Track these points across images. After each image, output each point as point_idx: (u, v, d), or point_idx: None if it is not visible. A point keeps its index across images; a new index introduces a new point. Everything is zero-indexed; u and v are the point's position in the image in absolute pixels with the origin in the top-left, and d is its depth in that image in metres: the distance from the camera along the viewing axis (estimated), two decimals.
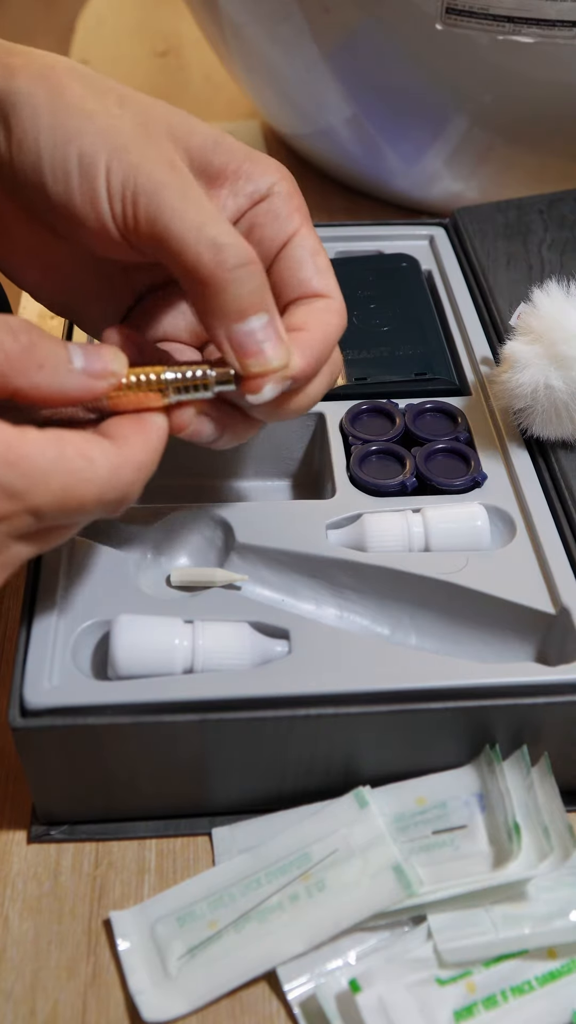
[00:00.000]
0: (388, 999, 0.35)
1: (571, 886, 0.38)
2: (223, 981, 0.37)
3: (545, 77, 0.60)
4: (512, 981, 0.36)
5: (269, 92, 0.74)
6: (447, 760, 0.41)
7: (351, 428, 0.49)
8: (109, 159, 0.35)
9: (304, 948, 0.37)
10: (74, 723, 0.38)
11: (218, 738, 0.39)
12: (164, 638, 0.40)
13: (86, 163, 0.35)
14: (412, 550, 0.44)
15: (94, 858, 0.41)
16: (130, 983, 0.37)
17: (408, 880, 0.38)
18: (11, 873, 0.40)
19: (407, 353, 0.53)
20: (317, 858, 0.39)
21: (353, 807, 0.40)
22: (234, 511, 0.46)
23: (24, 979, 0.38)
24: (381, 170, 0.72)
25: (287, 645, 0.41)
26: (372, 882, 0.38)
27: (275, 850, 0.39)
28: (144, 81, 0.99)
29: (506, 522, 0.46)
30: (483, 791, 0.41)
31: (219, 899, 0.38)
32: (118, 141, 0.35)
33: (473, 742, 0.41)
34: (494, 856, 0.39)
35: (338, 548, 0.44)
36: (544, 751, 0.41)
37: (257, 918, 0.38)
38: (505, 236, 0.60)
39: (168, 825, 0.42)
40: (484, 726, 0.40)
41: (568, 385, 0.45)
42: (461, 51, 0.59)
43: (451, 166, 0.68)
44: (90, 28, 1.09)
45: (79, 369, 0.33)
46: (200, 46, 0.98)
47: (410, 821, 0.40)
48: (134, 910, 0.39)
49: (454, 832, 0.40)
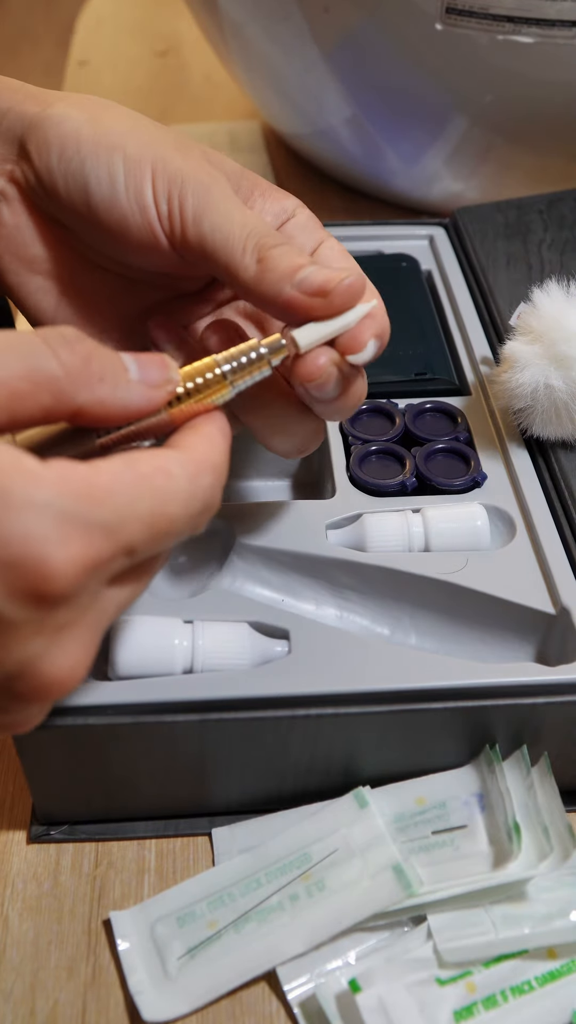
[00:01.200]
0: (388, 999, 0.35)
1: (571, 886, 0.38)
2: (223, 981, 0.37)
3: (545, 77, 0.60)
4: (512, 981, 0.36)
5: (269, 92, 0.74)
6: (447, 760, 0.41)
7: (351, 428, 0.49)
8: (154, 162, 0.36)
9: (304, 948, 0.37)
10: (74, 723, 0.38)
11: (218, 738, 0.39)
12: (164, 638, 0.40)
13: (131, 165, 0.36)
14: (412, 550, 0.44)
15: (94, 858, 0.41)
16: (130, 983, 0.37)
17: (408, 880, 0.38)
18: (11, 873, 0.40)
19: (407, 353, 0.53)
20: (317, 858, 0.39)
21: (353, 807, 0.40)
22: (234, 511, 0.46)
23: (24, 979, 0.38)
24: (381, 170, 0.72)
25: (287, 645, 0.41)
26: (372, 882, 0.38)
27: (275, 850, 0.39)
28: (144, 81, 0.99)
29: (506, 522, 0.46)
30: (483, 791, 0.41)
31: (219, 899, 0.38)
32: (160, 151, 0.36)
33: (473, 742, 0.41)
34: (494, 856, 0.39)
35: (338, 548, 0.44)
36: (544, 751, 0.41)
37: (257, 918, 0.38)
38: (505, 236, 0.60)
39: (168, 825, 0.42)
40: (484, 726, 0.40)
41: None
42: (461, 51, 0.59)
43: (451, 166, 0.68)
44: (90, 28, 1.09)
45: (136, 380, 0.31)
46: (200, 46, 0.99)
47: (410, 821, 0.40)
48: (134, 910, 0.39)
49: (454, 832, 0.40)
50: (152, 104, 0.95)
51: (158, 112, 0.94)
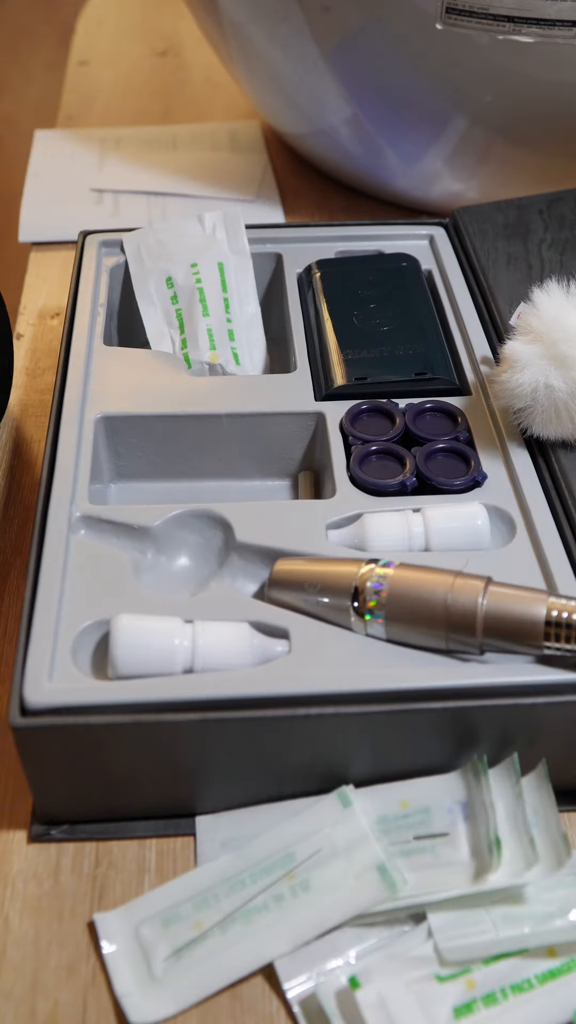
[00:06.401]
0: (388, 996, 0.35)
1: (571, 886, 0.38)
2: (209, 982, 0.37)
3: (545, 77, 0.60)
4: (512, 979, 0.36)
5: (269, 92, 0.74)
6: (442, 761, 0.41)
7: (351, 428, 0.49)
8: None
9: (289, 948, 0.37)
10: (74, 723, 0.38)
11: (218, 738, 0.39)
12: (164, 638, 0.40)
13: None
14: (412, 550, 0.44)
15: (94, 858, 0.41)
16: (115, 986, 0.37)
17: (392, 880, 0.38)
18: (11, 873, 0.40)
19: (407, 353, 0.53)
20: (301, 858, 0.39)
21: (337, 806, 0.40)
22: (234, 510, 0.46)
23: (24, 979, 0.38)
24: (381, 170, 0.72)
25: (287, 645, 0.41)
26: (356, 882, 0.38)
27: (259, 850, 0.39)
28: (144, 81, 0.99)
29: (506, 522, 0.46)
30: (467, 800, 0.40)
31: (203, 900, 0.38)
32: None
33: (472, 743, 0.41)
34: (475, 866, 0.39)
35: (338, 548, 0.44)
36: (543, 754, 0.41)
37: (242, 919, 0.38)
38: (505, 236, 0.60)
39: (168, 825, 0.42)
40: (484, 726, 0.40)
41: (568, 385, 0.45)
42: (461, 51, 0.59)
43: (451, 166, 0.68)
44: (90, 27, 1.09)
45: None
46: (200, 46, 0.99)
47: (392, 824, 0.40)
48: (118, 912, 0.39)
49: (435, 839, 0.39)
50: (152, 104, 0.95)
51: (159, 112, 0.94)
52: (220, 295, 0.57)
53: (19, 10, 2.17)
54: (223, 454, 0.51)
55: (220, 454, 0.51)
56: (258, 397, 0.51)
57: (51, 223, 0.76)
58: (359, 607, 0.40)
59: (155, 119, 0.93)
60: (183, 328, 0.56)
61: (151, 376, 0.53)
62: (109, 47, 1.05)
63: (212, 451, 0.51)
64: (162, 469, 0.52)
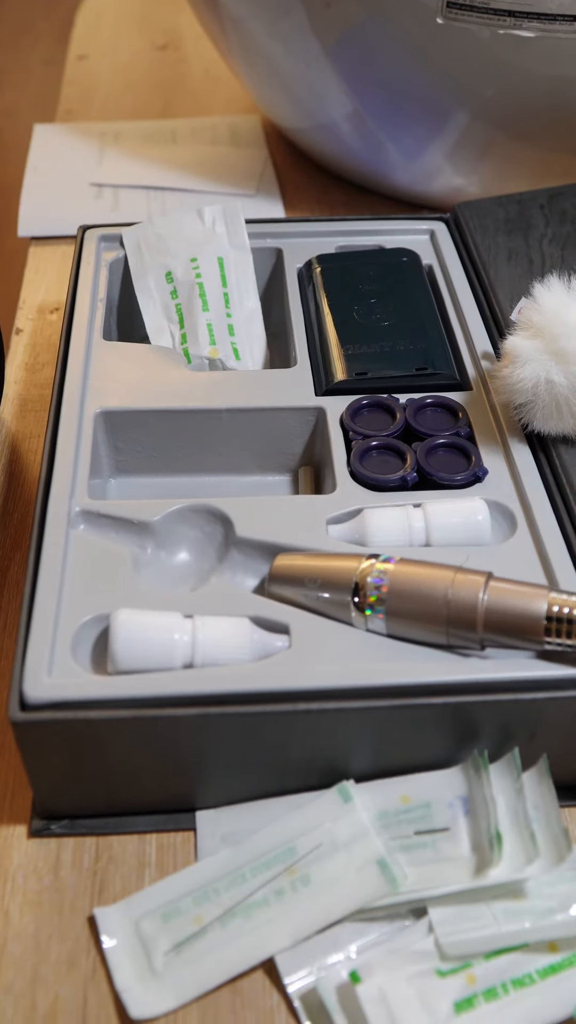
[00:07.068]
0: (388, 990, 0.35)
1: (572, 881, 0.38)
2: (210, 977, 0.37)
3: (546, 71, 0.59)
4: (513, 974, 0.36)
5: (269, 87, 0.74)
6: (443, 756, 0.41)
7: (351, 423, 0.49)
8: None
9: (290, 943, 0.37)
10: (74, 717, 0.38)
11: (218, 732, 0.39)
12: (163, 633, 0.40)
13: None
14: (413, 545, 0.44)
15: (94, 852, 0.41)
16: (116, 980, 0.37)
17: (393, 875, 0.38)
18: (11, 867, 0.40)
19: (408, 348, 0.53)
20: (302, 852, 0.39)
21: (337, 801, 0.40)
22: (234, 506, 0.46)
23: (25, 973, 0.38)
24: (382, 164, 0.72)
25: (287, 640, 0.41)
26: (357, 876, 0.38)
27: (259, 844, 0.39)
28: (144, 75, 0.99)
29: (507, 517, 0.46)
30: (468, 795, 0.40)
31: (203, 894, 0.38)
32: None
33: (472, 738, 0.41)
34: (476, 862, 0.39)
35: (339, 543, 0.44)
36: (544, 749, 0.41)
37: (242, 913, 0.38)
38: (506, 231, 0.60)
39: (168, 819, 0.42)
40: (485, 721, 0.40)
41: (569, 380, 0.45)
42: (462, 45, 0.59)
43: (452, 160, 0.68)
44: (89, 21, 1.08)
45: None
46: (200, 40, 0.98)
47: (393, 819, 0.40)
48: (118, 906, 0.39)
49: (436, 834, 0.39)
50: (152, 98, 0.95)
51: (158, 106, 0.94)
52: (220, 290, 0.57)
53: (18, 4, 2.17)
54: (223, 449, 0.51)
55: (220, 449, 0.51)
56: (258, 392, 0.51)
57: (50, 217, 0.76)
58: (360, 602, 0.40)
59: (155, 113, 0.93)
60: (183, 323, 0.56)
61: (151, 371, 0.52)
62: (108, 41, 1.05)
63: (212, 446, 0.51)
64: (162, 464, 0.52)
